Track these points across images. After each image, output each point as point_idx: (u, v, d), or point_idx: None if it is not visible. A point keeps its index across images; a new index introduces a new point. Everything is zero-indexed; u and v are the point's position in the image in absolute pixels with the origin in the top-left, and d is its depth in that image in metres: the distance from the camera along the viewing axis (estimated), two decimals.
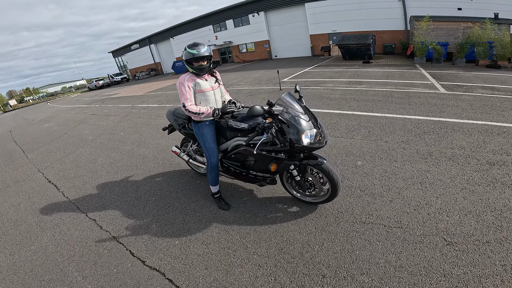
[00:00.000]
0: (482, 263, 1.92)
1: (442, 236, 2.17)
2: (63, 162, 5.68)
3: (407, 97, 6.45)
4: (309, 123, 2.35)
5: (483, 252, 2.00)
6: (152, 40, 36.95)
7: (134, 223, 3.06)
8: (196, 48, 2.49)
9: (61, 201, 3.94)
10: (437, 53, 12.54)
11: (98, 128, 8.49)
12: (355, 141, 4.26)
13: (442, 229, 2.24)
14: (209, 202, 3.21)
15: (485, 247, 2.04)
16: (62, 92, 65.05)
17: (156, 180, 4.02)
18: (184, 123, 3.24)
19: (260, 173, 2.73)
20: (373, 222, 2.45)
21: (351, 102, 6.51)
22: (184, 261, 2.38)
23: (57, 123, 11.56)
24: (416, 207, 2.57)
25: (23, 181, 5.06)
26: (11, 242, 3.13)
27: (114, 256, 2.60)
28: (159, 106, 10.38)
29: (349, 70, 12.23)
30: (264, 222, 2.71)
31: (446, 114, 4.97)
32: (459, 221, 2.31)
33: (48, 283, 2.40)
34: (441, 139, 3.96)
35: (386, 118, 5.11)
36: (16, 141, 9.39)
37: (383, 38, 19.29)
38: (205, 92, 2.66)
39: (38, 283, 2.43)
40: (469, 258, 1.97)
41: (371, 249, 2.17)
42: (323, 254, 2.21)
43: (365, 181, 3.14)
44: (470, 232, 2.18)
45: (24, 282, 2.47)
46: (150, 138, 6.23)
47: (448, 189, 2.77)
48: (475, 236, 2.14)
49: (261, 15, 24.90)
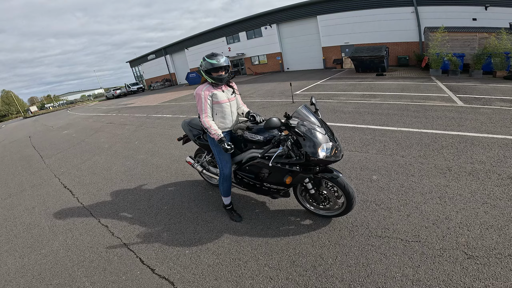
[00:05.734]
0: (505, 276, 1.87)
1: (463, 250, 2.11)
2: (80, 169, 5.82)
3: (423, 111, 6.32)
4: (325, 136, 2.33)
5: (505, 265, 1.94)
6: (167, 51, 37.88)
7: (146, 231, 3.07)
8: (216, 58, 2.50)
9: (75, 206, 4.02)
10: (453, 65, 12.27)
11: (114, 137, 8.71)
12: (370, 155, 4.18)
13: (463, 243, 2.18)
14: (221, 213, 3.20)
15: (508, 260, 1.98)
16: (81, 100, 67.38)
17: (169, 189, 4.06)
18: (199, 134, 3.27)
19: (274, 185, 2.70)
20: (390, 236, 2.39)
21: (365, 116, 6.43)
22: (194, 271, 2.36)
23: (75, 130, 11.93)
24: (435, 221, 2.49)
25: (39, 186, 5.21)
26: (22, 245, 3.20)
27: (124, 263, 2.61)
28: (173, 117, 10.57)
29: (362, 83, 12.15)
30: (276, 234, 2.67)
31: (465, 128, 4.83)
32: (480, 235, 2.24)
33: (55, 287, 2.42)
34: (460, 153, 3.84)
35: (401, 132, 5.01)
36: (35, 146, 9.73)
37: (397, 50, 19.12)
38: (221, 103, 2.66)
39: (45, 287, 2.45)
40: (491, 271, 1.92)
41: (387, 263, 2.11)
42: (336, 268, 2.15)
43: (381, 195, 3.06)
44: (492, 246, 2.11)
45: (31, 286, 2.49)
46: (164, 148, 6.32)
47: (468, 203, 2.69)
48: (497, 249, 2.08)
49: (273, 27, 25.23)
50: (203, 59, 2.56)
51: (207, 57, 2.53)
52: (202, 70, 2.60)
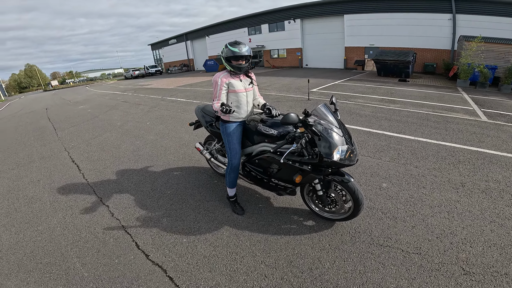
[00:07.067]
0: None
1: (461, 266, 2.10)
2: (90, 144, 5.90)
3: (444, 122, 6.06)
4: (342, 138, 2.24)
5: (499, 283, 1.94)
6: (188, 37, 38.05)
7: (146, 214, 3.05)
8: (238, 47, 2.46)
9: (80, 182, 4.04)
10: (483, 77, 11.70)
11: (127, 115, 8.79)
12: (383, 162, 4.03)
13: (463, 259, 2.16)
14: (223, 204, 3.15)
15: (502, 278, 1.98)
16: (101, 78, 68.79)
17: (174, 173, 4.04)
18: (212, 121, 3.21)
19: (282, 182, 2.64)
20: (391, 246, 2.35)
21: (382, 121, 6.22)
22: (189, 260, 2.33)
23: (91, 106, 12.15)
24: (439, 235, 2.45)
25: (48, 158, 5.29)
26: (20, 220, 3.17)
27: (119, 246, 2.58)
28: (186, 101, 10.58)
29: (382, 87, 11.79)
30: (277, 232, 2.61)
31: (485, 145, 4.61)
32: (482, 252, 2.22)
33: (44, 266, 2.38)
34: (476, 170, 3.68)
35: (419, 142, 4.81)
36: (50, 118, 9.97)
37: (425, 57, 18.42)
38: (238, 93, 2.62)
39: (34, 265, 2.41)
40: None
41: (384, 272, 2.08)
42: (333, 273, 2.11)
43: (388, 204, 2.97)
44: (491, 264, 2.11)
45: (20, 263, 2.45)
46: (174, 131, 6.33)
47: (476, 220, 2.63)
48: (494, 267, 2.07)
49: (297, 22, 24.83)
50: (225, 46, 2.53)
51: (230, 44, 2.50)
52: (222, 56, 2.57)
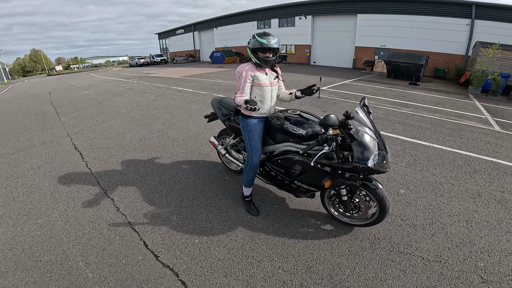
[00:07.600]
0: None
1: (479, 274, 2.12)
2: (93, 131, 5.73)
3: (458, 130, 5.91)
4: (377, 143, 2.12)
5: None
6: (196, 28, 37.81)
7: (154, 210, 2.88)
8: (267, 38, 2.30)
9: (83, 171, 3.83)
10: (496, 85, 11.47)
11: (132, 103, 8.62)
12: (399, 168, 3.90)
13: (481, 268, 2.18)
14: (236, 202, 3.00)
15: None
16: (106, 65, 68.54)
17: (183, 167, 3.88)
18: (230, 115, 3.05)
19: (307, 185, 2.51)
20: (411, 253, 2.30)
21: (396, 125, 6.06)
22: (202, 263, 2.18)
23: (95, 91, 11.96)
24: (458, 244, 2.43)
25: (49, 143, 5.10)
26: (18, 212, 2.93)
27: (126, 244, 2.40)
28: (193, 92, 10.40)
29: (393, 89, 11.59)
30: (294, 235, 2.48)
31: (500, 155, 4.50)
32: (499, 261, 2.24)
33: (44, 265, 2.19)
34: (492, 180, 3.62)
35: (434, 149, 4.67)
36: (53, 102, 9.78)
37: (437, 61, 18.12)
38: (263, 87, 2.47)
39: (33, 263, 2.21)
40: None
41: (405, 280, 2.05)
42: (353, 279, 2.04)
43: (407, 211, 2.87)
44: (507, 272, 2.14)
45: (17, 260, 2.24)
46: (182, 121, 6.16)
47: (493, 230, 2.63)
48: (510, 275, 2.11)
49: (308, 18, 24.46)
50: (252, 36, 2.38)
51: (258, 35, 2.35)
52: (249, 48, 2.42)
